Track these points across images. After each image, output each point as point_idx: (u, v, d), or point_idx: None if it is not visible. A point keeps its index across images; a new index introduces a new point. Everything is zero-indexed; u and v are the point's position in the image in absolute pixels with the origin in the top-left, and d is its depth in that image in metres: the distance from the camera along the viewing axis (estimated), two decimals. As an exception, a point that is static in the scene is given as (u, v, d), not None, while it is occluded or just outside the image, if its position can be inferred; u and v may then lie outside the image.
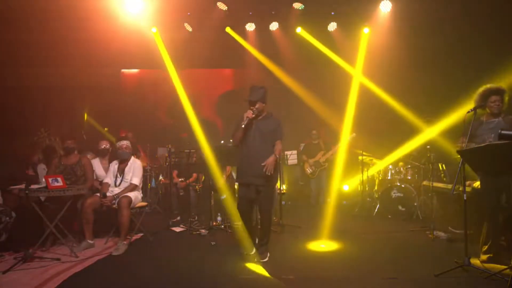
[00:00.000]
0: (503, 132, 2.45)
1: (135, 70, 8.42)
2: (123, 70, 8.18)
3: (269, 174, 3.43)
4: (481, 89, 3.51)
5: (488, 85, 3.49)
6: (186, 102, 7.45)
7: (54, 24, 5.92)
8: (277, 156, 3.52)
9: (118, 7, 6.54)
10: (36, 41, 5.89)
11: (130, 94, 8.15)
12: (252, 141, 3.62)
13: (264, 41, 7.61)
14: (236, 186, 5.49)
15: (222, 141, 6.67)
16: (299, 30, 7.53)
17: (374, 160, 6.45)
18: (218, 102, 8.25)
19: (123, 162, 4.50)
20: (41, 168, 4.80)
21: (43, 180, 3.95)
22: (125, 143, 4.50)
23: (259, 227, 4.97)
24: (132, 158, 4.56)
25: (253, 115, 3.57)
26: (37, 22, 5.69)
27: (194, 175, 6.14)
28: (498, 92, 3.43)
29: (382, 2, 6.70)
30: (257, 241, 3.84)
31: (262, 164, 3.41)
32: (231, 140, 6.32)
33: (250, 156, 3.59)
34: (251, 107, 3.59)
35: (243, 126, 3.55)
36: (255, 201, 3.69)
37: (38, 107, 5.89)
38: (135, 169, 4.45)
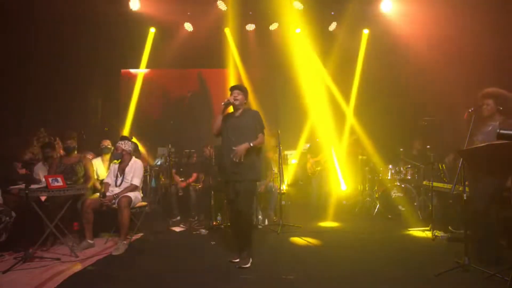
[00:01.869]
0: (501, 131, 2.42)
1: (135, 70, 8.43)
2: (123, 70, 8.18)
3: (236, 160, 3.30)
4: None
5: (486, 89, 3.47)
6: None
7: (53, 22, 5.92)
8: (251, 145, 3.37)
9: (119, 7, 6.57)
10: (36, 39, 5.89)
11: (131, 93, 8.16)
12: (231, 137, 3.49)
13: (264, 41, 7.62)
14: None
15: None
16: (298, 30, 7.54)
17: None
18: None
19: (124, 162, 4.49)
20: (39, 166, 4.78)
21: (42, 179, 3.95)
22: (121, 143, 4.48)
23: (259, 227, 5.01)
24: (133, 158, 4.55)
25: (233, 101, 3.51)
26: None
27: (194, 174, 6.14)
28: (486, 96, 3.42)
29: (382, 2, 6.71)
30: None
31: (234, 148, 3.34)
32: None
33: (228, 152, 3.43)
34: (235, 91, 3.56)
35: (223, 104, 3.49)
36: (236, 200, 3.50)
37: (38, 106, 5.86)
38: (136, 170, 4.44)
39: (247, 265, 3.40)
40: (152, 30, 7.33)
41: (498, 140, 2.53)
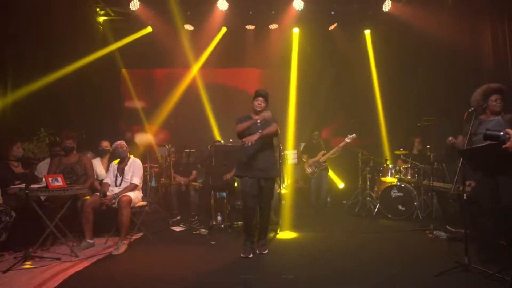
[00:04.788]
0: (488, 132, 2.38)
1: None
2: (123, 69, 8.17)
3: (245, 145, 3.58)
4: (482, 88, 3.43)
5: (490, 84, 3.42)
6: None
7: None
8: (263, 134, 3.70)
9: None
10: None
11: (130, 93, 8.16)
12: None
13: (264, 40, 7.62)
14: (235, 184, 5.49)
15: (222, 141, 6.67)
16: (296, 30, 7.55)
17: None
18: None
19: (123, 162, 4.49)
20: (45, 163, 4.77)
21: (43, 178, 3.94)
22: (121, 142, 4.51)
23: (259, 226, 5.01)
24: (132, 157, 4.55)
25: (256, 108, 3.83)
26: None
27: (194, 172, 6.15)
28: (499, 91, 3.36)
29: (384, 2, 6.70)
30: (256, 239, 3.95)
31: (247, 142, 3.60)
32: (231, 140, 6.34)
33: (254, 152, 3.76)
34: (259, 99, 3.85)
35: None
36: (257, 196, 3.80)
37: (38, 106, 5.84)
38: (135, 169, 4.45)
39: (266, 251, 3.83)
40: (150, 30, 7.34)
41: (484, 140, 2.50)
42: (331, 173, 6.78)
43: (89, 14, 6.90)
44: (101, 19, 7.16)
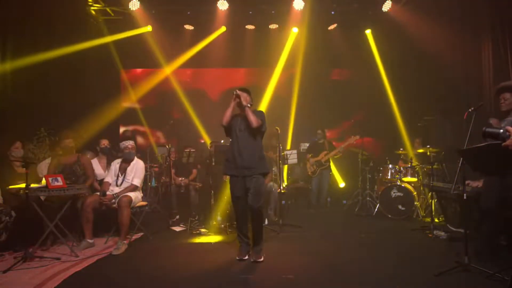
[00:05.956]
0: (487, 129, 2.35)
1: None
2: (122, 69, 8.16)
3: (236, 93, 3.60)
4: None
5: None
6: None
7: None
8: (244, 103, 3.61)
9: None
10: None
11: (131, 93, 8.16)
12: (239, 134, 3.67)
13: (264, 40, 7.62)
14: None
15: (222, 141, 6.67)
16: (295, 30, 7.54)
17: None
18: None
19: (126, 162, 4.49)
20: (46, 163, 4.76)
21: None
22: (130, 143, 4.51)
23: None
24: (136, 158, 4.56)
25: (237, 93, 3.65)
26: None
27: (194, 171, 6.14)
28: (507, 89, 3.25)
29: (384, 2, 6.70)
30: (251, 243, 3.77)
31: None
32: (231, 140, 6.33)
33: (238, 149, 3.63)
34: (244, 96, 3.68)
35: (234, 93, 3.63)
36: (245, 196, 3.65)
37: (38, 106, 5.83)
38: (137, 170, 4.45)
39: (261, 259, 3.54)
40: (149, 29, 7.34)
41: (483, 138, 2.47)
42: (333, 172, 6.78)
43: (89, 12, 6.88)
44: (101, 18, 7.14)
